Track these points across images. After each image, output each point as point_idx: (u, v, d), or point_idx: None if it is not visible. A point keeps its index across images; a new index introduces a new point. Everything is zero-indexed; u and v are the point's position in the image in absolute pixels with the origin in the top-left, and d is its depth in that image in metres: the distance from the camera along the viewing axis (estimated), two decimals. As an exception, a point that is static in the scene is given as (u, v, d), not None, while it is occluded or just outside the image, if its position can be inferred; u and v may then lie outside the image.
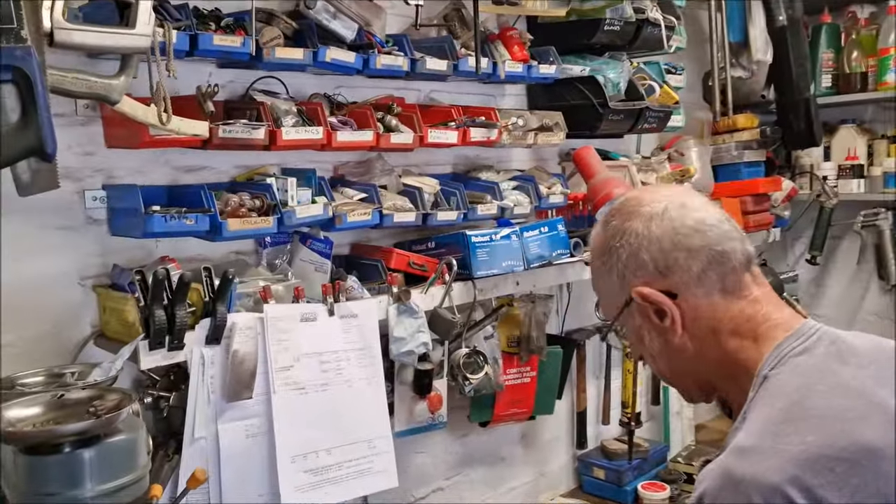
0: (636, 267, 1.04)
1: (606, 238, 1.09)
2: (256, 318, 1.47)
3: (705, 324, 1.03)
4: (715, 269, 1.02)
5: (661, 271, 1.03)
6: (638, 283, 1.04)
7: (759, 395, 0.95)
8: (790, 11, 2.56)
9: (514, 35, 2.07)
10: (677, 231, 1.02)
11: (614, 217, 1.09)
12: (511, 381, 2.19)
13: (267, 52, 1.56)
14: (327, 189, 1.68)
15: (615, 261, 1.06)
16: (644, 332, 1.07)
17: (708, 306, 1.02)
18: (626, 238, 1.05)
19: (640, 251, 1.03)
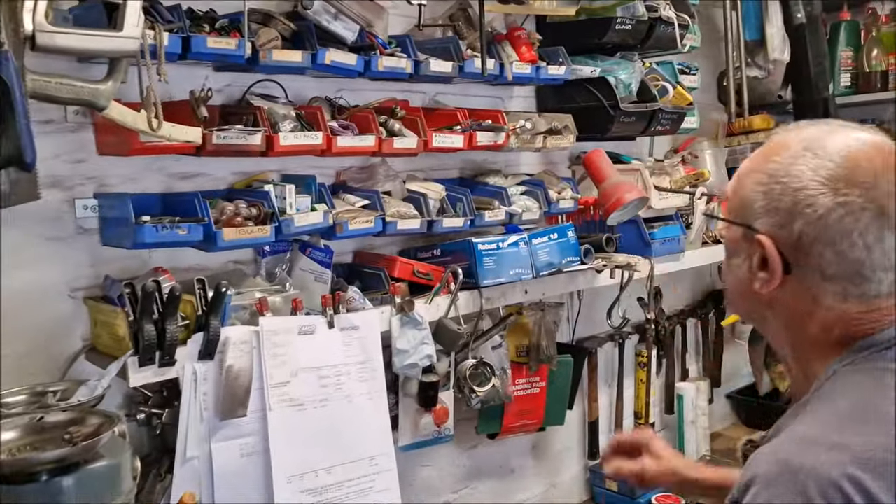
0: (782, 221, 0.92)
1: (787, 166, 0.93)
2: (252, 331, 1.41)
3: (802, 307, 0.96)
4: (850, 286, 0.92)
5: (796, 247, 0.92)
6: (768, 231, 0.94)
7: (825, 389, 0.91)
8: (809, 9, 2.47)
9: (522, 35, 2.00)
10: (853, 241, 0.89)
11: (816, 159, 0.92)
12: (520, 392, 2.12)
13: (263, 55, 1.50)
14: (328, 196, 1.62)
15: (775, 192, 0.93)
16: (738, 256, 1.00)
17: (814, 298, 0.94)
18: (799, 196, 0.91)
19: (796, 217, 0.91)
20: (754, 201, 0.96)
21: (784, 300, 0.96)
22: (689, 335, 2.93)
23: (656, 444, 1.40)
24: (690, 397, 2.71)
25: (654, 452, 1.39)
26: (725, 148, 2.73)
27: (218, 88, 1.66)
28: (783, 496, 0.80)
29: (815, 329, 0.95)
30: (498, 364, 2.04)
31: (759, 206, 0.95)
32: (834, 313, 0.93)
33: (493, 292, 1.84)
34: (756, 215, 0.95)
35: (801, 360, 0.99)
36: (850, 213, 0.89)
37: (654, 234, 2.27)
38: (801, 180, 0.91)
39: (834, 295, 0.92)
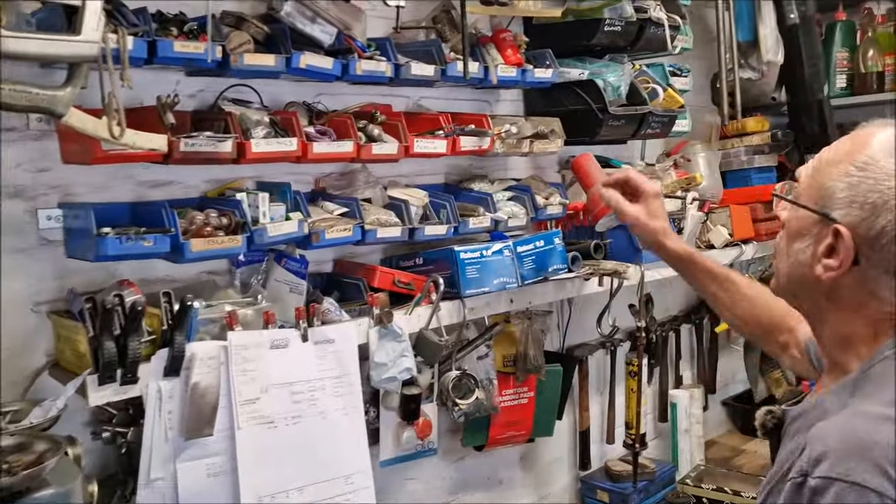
0: (866, 215, 0.95)
1: (878, 161, 0.95)
2: (220, 346, 1.36)
3: (859, 297, 1.00)
4: None
5: (871, 242, 0.95)
6: (847, 222, 0.96)
7: (879, 371, 0.96)
8: (802, 9, 2.42)
9: (508, 37, 1.95)
10: None
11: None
12: (507, 403, 2.07)
13: (234, 59, 1.45)
14: (303, 204, 1.57)
15: (863, 186, 0.95)
16: (802, 240, 1.03)
17: (873, 290, 0.98)
18: (890, 194, 0.94)
19: (882, 213, 0.94)
20: (836, 191, 0.98)
21: (842, 288, 1.00)
22: (684, 341, 2.88)
23: (655, 204, 1.57)
24: (684, 405, 2.65)
25: (651, 210, 1.56)
26: (719, 151, 2.68)
27: (190, 93, 1.61)
28: (859, 469, 0.85)
29: (868, 316, 1.00)
30: (484, 374, 1.99)
31: (843, 198, 0.97)
32: (887, 304, 0.98)
33: (477, 302, 1.79)
34: (836, 205, 0.98)
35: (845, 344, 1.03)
36: None
37: (644, 239, 2.21)
38: (893, 180, 0.94)
39: (891, 289, 0.97)
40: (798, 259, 1.04)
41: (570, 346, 2.42)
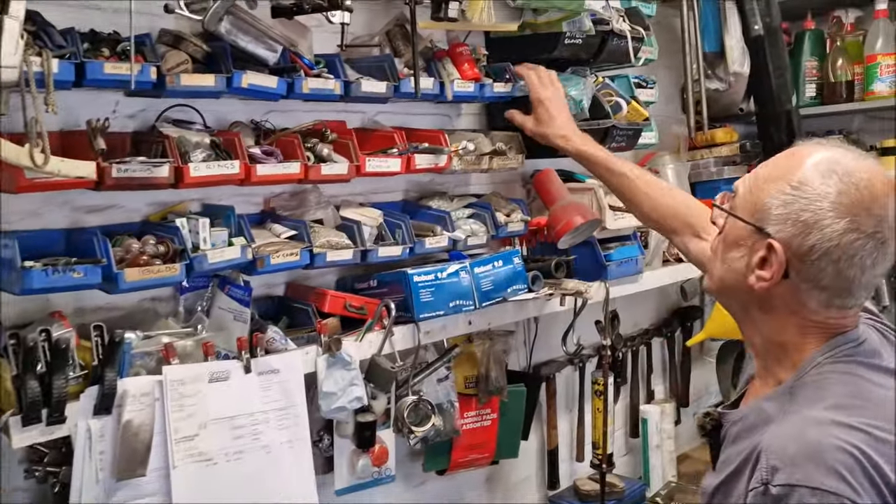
0: (797, 232, 1.02)
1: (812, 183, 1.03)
2: (154, 381, 1.30)
3: (788, 307, 1.07)
4: (835, 297, 1.05)
5: (801, 258, 1.03)
6: (780, 237, 1.04)
7: (813, 378, 1.04)
8: (767, 20, 2.39)
9: (465, 51, 1.90)
10: (853, 262, 1.01)
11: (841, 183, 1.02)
12: (470, 425, 2.02)
13: (171, 80, 1.39)
14: (246, 229, 1.52)
15: (797, 205, 1.03)
16: (737, 250, 1.10)
17: (802, 302, 1.06)
18: (821, 215, 1.01)
19: (813, 232, 1.01)
20: (772, 207, 1.05)
21: (773, 297, 1.07)
22: (655, 354, 2.85)
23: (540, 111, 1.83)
24: (655, 421, 2.62)
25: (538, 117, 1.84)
26: (688, 162, 2.65)
27: (130, 113, 1.56)
28: (816, 474, 0.93)
29: (797, 325, 1.08)
30: (444, 397, 1.94)
31: (777, 214, 1.04)
32: (815, 315, 1.06)
33: (433, 325, 1.74)
34: (771, 220, 1.05)
35: (776, 349, 1.10)
36: (860, 239, 1.00)
37: (609, 255, 2.17)
38: (826, 201, 1.01)
39: (819, 301, 1.05)
40: (732, 266, 1.11)
41: (538, 363, 2.38)
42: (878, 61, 2.63)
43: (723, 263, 1.13)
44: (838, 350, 1.06)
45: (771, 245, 1.04)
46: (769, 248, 1.05)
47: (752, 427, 1.06)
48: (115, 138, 1.49)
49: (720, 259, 1.14)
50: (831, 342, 1.07)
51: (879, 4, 2.64)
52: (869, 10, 2.75)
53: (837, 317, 1.07)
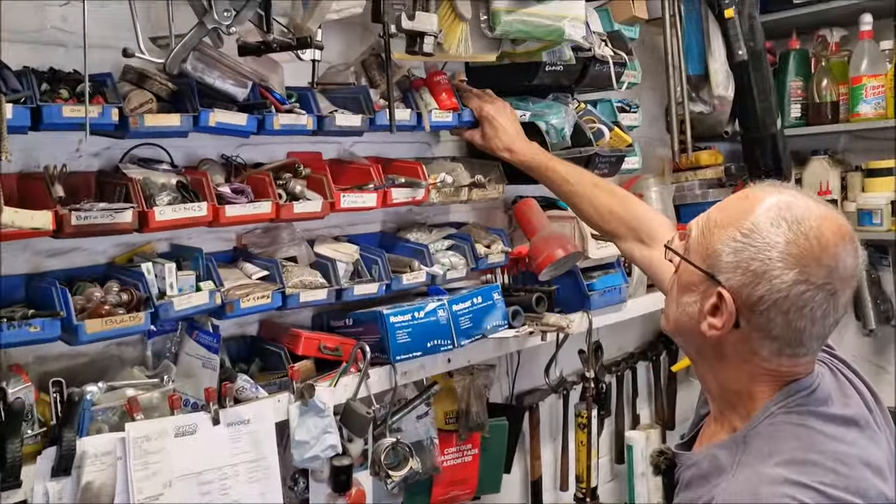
0: (746, 281, 1.01)
1: (762, 231, 1.01)
2: (116, 439, 1.25)
3: (741, 355, 1.05)
4: (786, 347, 1.03)
5: (751, 308, 1.01)
6: (730, 286, 1.02)
7: (766, 428, 1.02)
8: (751, 44, 2.35)
9: (443, 80, 1.86)
10: (803, 314, 0.99)
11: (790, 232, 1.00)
12: (450, 462, 1.98)
13: (134, 122, 1.34)
14: (215, 272, 1.46)
15: (746, 254, 1.01)
16: (691, 294, 1.08)
17: (754, 350, 1.04)
18: (769, 265, 0.99)
19: (762, 282, 0.99)
20: (723, 254, 1.03)
21: (725, 345, 1.06)
22: (641, 378, 2.81)
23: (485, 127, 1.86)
24: (640, 447, 2.58)
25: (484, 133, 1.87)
26: (672, 184, 2.61)
27: (95, 152, 1.50)
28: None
29: (749, 372, 1.06)
30: (424, 434, 1.90)
31: (728, 262, 1.02)
32: (767, 363, 1.04)
33: (411, 365, 1.69)
34: (722, 268, 1.03)
35: (730, 395, 1.09)
36: (809, 290, 0.98)
37: (592, 284, 2.13)
38: (774, 251, 0.99)
39: (770, 350, 1.03)
40: (686, 311, 1.09)
41: (521, 392, 2.34)
42: (864, 83, 2.60)
43: (677, 307, 1.11)
44: (791, 399, 1.04)
45: (721, 294, 1.02)
46: (720, 297, 1.03)
47: (705, 475, 1.05)
48: (79, 178, 1.44)
49: (675, 301, 1.12)
50: (784, 390, 1.05)
51: (864, 25, 2.62)
52: (854, 28, 2.72)
53: (790, 365, 1.05)
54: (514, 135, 1.85)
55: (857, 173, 2.81)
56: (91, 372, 1.45)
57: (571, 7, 1.73)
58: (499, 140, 1.84)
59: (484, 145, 1.87)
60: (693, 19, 2.43)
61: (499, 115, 1.85)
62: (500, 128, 1.84)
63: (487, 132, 1.85)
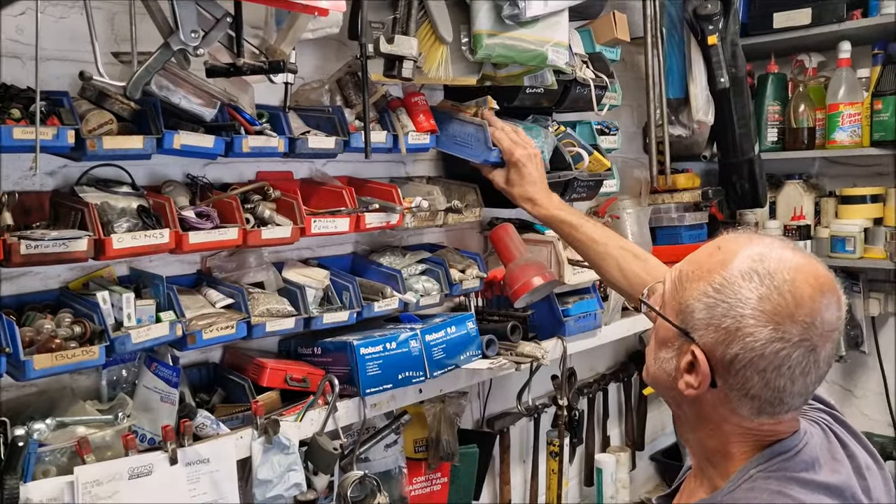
0: (720, 339, 0.96)
1: (734, 286, 0.96)
2: (64, 484, 1.17)
3: (720, 415, 1.01)
4: (767, 405, 0.97)
5: (727, 367, 0.96)
6: (703, 344, 0.97)
7: (743, 493, 0.98)
8: (733, 70, 2.34)
9: (420, 101, 1.80)
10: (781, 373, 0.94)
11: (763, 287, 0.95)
12: (418, 491, 1.93)
13: (92, 145, 1.26)
14: (176, 302, 1.39)
15: (718, 311, 0.96)
16: (667, 349, 1.04)
17: (733, 410, 1.00)
18: (742, 323, 0.94)
19: (735, 341, 0.95)
20: (696, 310, 0.98)
21: (703, 402, 1.01)
22: (612, 398, 2.79)
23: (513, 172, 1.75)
24: (610, 471, 2.55)
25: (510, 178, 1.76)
26: (649, 206, 2.59)
27: (50, 171, 1.42)
28: None
29: (729, 432, 1.01)
30: (393, 464, 1.85)
31: (700, 319, 0.98)
32: (747, 422, 1.00)
33: (381, 398, 1.63)
34: (695, 326, 0.98)
35: (709, 453, 1.05)
36: (786, 348, 0.93)
37: (568, 310, 2.10)
38: (746, 307, 0.94)
39: (750, 409, 0.98)
40: (663, 367, 1.05)
41: (492, 415, 2.29)
42: (841, 110, 2.61)
43: (655, 361, 1.07)
44: (772, 462, 0.99)
45: (694, 352, 0.98)
46: (693, 355, 0.99)
47: None
48: (31, 199, 1.36)
49: (653, 354, 1.08)
50: (766, 452, 1.00)
51: (843, 53, 2.62)
52: (831, 54, 2.73)
53: (771, 423, 1.00)
54: (539, 185, 1.72)
55: (830, 199, 2.82)
56: (40, 404, 1.37)
57: (555, 32, 1.68)
58: (523, 189, 1.72)
59: (506, 190, 1.75)
60: (675, 43, 2.40)
61: (529, 161, 1.73)
62: (526, 176, 1.72)
63: (513, 178, 1.74)
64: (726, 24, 2.31)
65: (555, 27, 1.69)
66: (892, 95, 2.46)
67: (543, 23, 1.68)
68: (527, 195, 1.72)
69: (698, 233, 2.60)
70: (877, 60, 2.56)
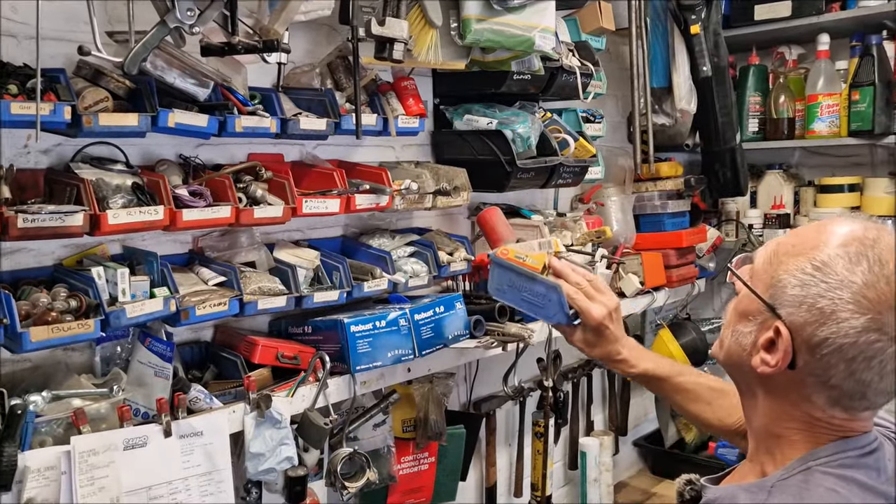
0: (811, 319, 0.91)
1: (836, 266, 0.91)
2: (61, 453, 1.19)
3: (792, 398, 0.96)
4: (846, 399, 0.93)
5: (812, 349, 0.91)
6: (791, 322, 0.92)
7: (796, 483, 0.93)
8: (715, 59, 2.39)
9: (410, 86, 1.83)
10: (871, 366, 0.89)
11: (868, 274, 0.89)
12: (406, 470, 1.96)
13: (88, 121, 1.28)
14: (170, 278, 1.41)
15: (815, 290, 0.91)
16: (747, 324, 0.99)
17: (807, 396, 0.95)
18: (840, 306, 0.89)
19: (828, 323, 0.89)
20: (788, 286, 0.94)
21: (775, 384, 0.97)
22: (596, 384, 2.83)
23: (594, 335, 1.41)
24: (594, 455, 2.60)
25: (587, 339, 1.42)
26: (633, 194, 2.63)
27: (45, 148, 1.43)
28: None
29: (798, 419, 0.97)
30: (381, 443, 1.88)
31: (793, 295, 0.93)
32: (819, 412, 0.95)
33: (370, 375, 1.67)
34: (785, 301, 0.93)
35: (769, 438, 1.00)
36: (882, 341, 0.88)
37: (553, 294, 2.13)
38: (848, 291, 0.89)
39: (825, 399, 0.93)
40: (740, 341, 1.00)
41: (478, 398, 2.33)
42: (819, 101, 2.66)
43: (732, 334, 1.02)
44: (834, 457, 0.94)
45: (778, 329, 0.93)
46: (777, 332, 0.94)
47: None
48: (27, 176, 1.37)
49: (731, 328, 1.03)
50: (831, 446, 0.95)
51: (822, 45, 2.67)
52: (811, 46, 2.79)
53: (844, 419, 0.95)
54: (623, 341, 1.42)
55: (809, 188, 2.88)
56: (35, 378, 1.39)
57: (542, 17, 1.72)
58: (605, 350, 1.42)
59: (587, 351, 1.44)
60: (659, 33, 2.45)
61: (609, 322, 1.40)
62: (609, 336, 1.41)
63: (590, 339, 1.42)
64: (709, 13, 2.36)
65: (542, 13, 1.73)
66: (869, 86, 2.52)
67: (531, 9, 1.72)
68: (612, 357, 1.42)
69: (681, 220, 2.65)
70: (855, 52, 2.62)
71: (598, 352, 1.42)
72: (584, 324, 1.40)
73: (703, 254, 2.75)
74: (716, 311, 3.30)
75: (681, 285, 2.63)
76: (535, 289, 1.44)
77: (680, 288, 2.66)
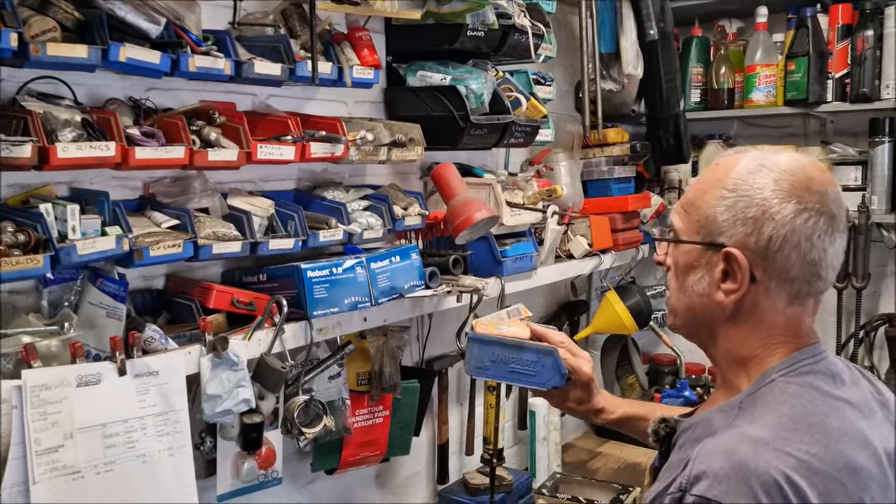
0: (749, 230, 1.01)
1: (747, 180, 1.02)
2: (12, 387, 1.16)
3: (757, 313, 1.04)
4: (805, 285, 1.02)
5: (763, 254, 1.01)
6: (735, 242, 1.02)
7: (762, 394, 1.01)
8: (661, 24, 2.46)
9: (364, 36, 1.83)
10: (813, 243, 1.00)
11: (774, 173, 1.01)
12: (361, 423, 1.97)
13: (35, 50, 1.24)
14: (123, 217, 1.38)
15: (740, 205, 1.02)
16: (694, 273, 1.07)
17: (771, 303, 1.03)
18: (767, 204, 1.00)
19: (765, 223, 1.00)
20: (717, 215, 1.03)
21: (742, 307, 1.04)
22: (544, 347, 2.89)
23: (576, 391, 1.42)
24: (543, 414, 2.66)
25: (573, 397, 1.43)
26: (581, 160, 2.69)
27: (-11, 83, 1.38)
28: (733, 492, 0.89)
29: (762, 336, 1.05)
30: (336, 395, 1.88)
31: (725, 220, 1.03)
32: (781, 316, 1.04)
33: (327, 322, 1.67)
34: (721, 229, 1.03)
35: (737, 365, 1.07)
36: (812, 218, 0.99)
37: (505, 251, 2.17)
38: (766, 190, 1.00)
39: (788, 296, 1.03)
40: (696, 290, 1.08)
41: (430, 357, 2.35)
42: (757, 71, 2.77)
43: (683, 293, 1.10)
44: (793, 368, 1.02)
45: (728, 254, 1.02)
46: (727, 258, 1.02)
47: (697, 438, 1.02)
48: (-32, 111, 1.32)
49: (679, 290, 1.10)
50: (787, 359, 1.03)
51: (760, 17, 2.78)
52: (750, 20, 2.89)
53: (800, 312, 1.04)
54: (602, 392, 1.45)
55: (748, 157, 2.99)
56: (-21, 321, 1.34)
57: (497, -30, 1.74)
58: (590, 405, 1.43)
59: (575, 409, 1.45)
60: (607, -3, 2.50)
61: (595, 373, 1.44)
62: (593, 389, 1.43)
63: (581, 395, 1.43)
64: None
65: (497, -34, 1.75)
66: (803, 57, 2.63)
67: (486, -39, 1.73)
68: (595, 409, 1.44)
69: (626, 186, 2.72)
70: (790, 25, 2.73)
71: (584, 408, 1.43)
72: (575, 382, 1.40)
73: (648, 219, 2.83)
74: (657, 279, 3.40)
75: (626, 249, 2.71)
76: (524, 357, 1.39)
77: (625, 252, 2.73)
